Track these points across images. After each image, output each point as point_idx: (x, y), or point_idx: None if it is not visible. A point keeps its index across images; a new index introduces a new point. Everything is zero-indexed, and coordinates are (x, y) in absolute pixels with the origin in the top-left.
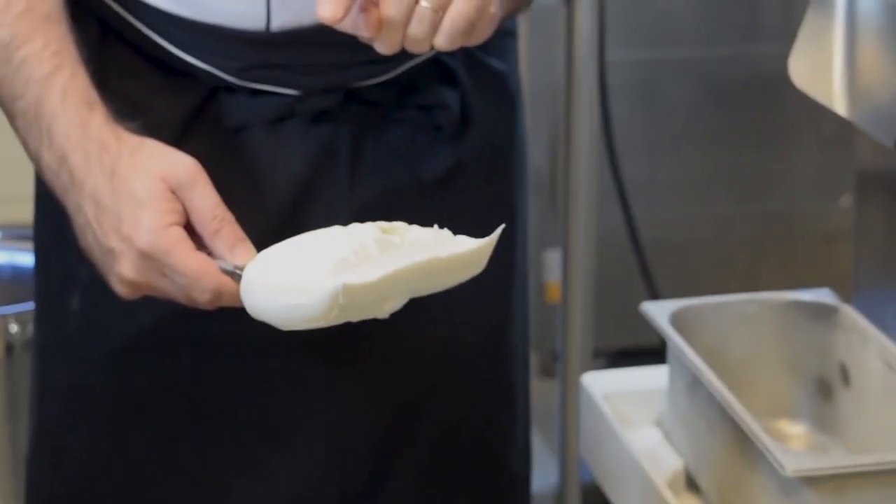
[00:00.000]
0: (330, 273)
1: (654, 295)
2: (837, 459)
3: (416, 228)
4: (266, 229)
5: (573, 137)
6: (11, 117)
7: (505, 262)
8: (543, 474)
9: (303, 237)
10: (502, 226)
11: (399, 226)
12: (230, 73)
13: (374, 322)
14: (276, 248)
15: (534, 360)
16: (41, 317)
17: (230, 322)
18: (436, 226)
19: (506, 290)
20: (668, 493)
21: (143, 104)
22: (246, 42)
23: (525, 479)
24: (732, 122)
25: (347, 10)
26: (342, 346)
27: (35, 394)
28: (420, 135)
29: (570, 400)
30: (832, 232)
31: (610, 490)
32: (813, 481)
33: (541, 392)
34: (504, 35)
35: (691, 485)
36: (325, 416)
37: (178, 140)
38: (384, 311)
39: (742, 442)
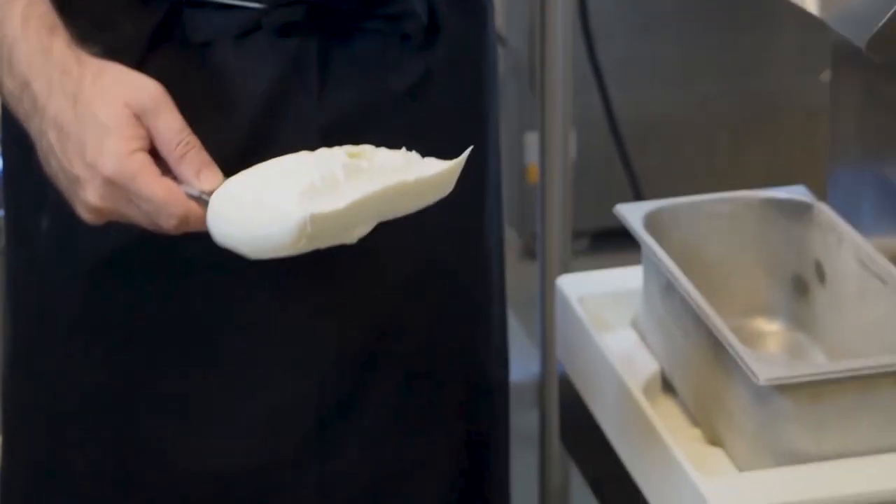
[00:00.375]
0: (297, 202)
1: (633, 177)
2: (810, 367)
3: (384, 151)
4: (235, 144)
5: (549, 20)
6: None
7: (477, 171)
8: (524, 362)
9: (269, 164)
10: (470, 147)
11: (367, 149)
12: None
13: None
14: (242, 176)
15: (516, 242)
16: (11, 237)
17: (204, 241)
18: (404, 148)
19: (478, 200)
20: (641, 398)
21: (107, 21)
22: None
23: (503, 382)
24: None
25: None
26: (316, 263)
27: (8, 312)
28: (389, 45)
29: (548, 284)
30: (813, 107)
31: (586, 394)
32: (786, 389)
33: (523, 274)
34: None
35: (667, 388)
36: (301, 333)
37: (143, 57)
38: (353, 236)
39: (716, 348)
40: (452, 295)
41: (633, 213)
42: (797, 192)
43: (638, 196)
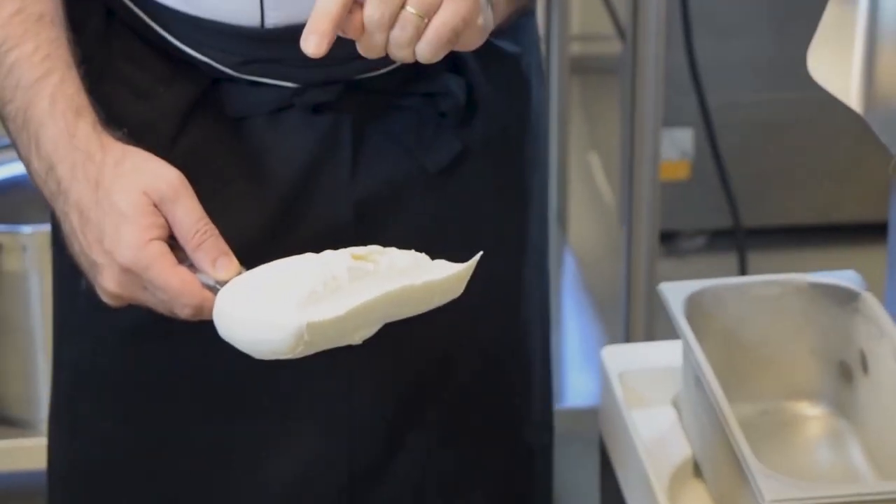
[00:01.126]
0: (296, 309)
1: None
2: (817, 489)
3: (392, 252)
4: (267, 219)
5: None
6: (3, 120)
7: (517, 245)
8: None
9: (275, 265)
10: (479, 254)
11: (374, 250)
12: (229, 66)
13: None
14: (247, 276)
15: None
16: (57, 296)
17: None
18: (413, 250)
19: (517, 273)
20: (659, 491)
21: (146, 91)
22: (242, 38)
23: (544, 451)
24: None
25: (331, 44)
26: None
27: (53, 365)
28: (424, 123)
29: (634, 289)
30: None
31: (619, 472)
32: None
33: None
34: (518, 15)
35: (699, 474)
36: (335, 392)
37: (180, 128)
38: (356, 338)
39: (735, 453)
40: (488, 366)
41: (675, 294)
42: (847, 278)
43: (732, 203)
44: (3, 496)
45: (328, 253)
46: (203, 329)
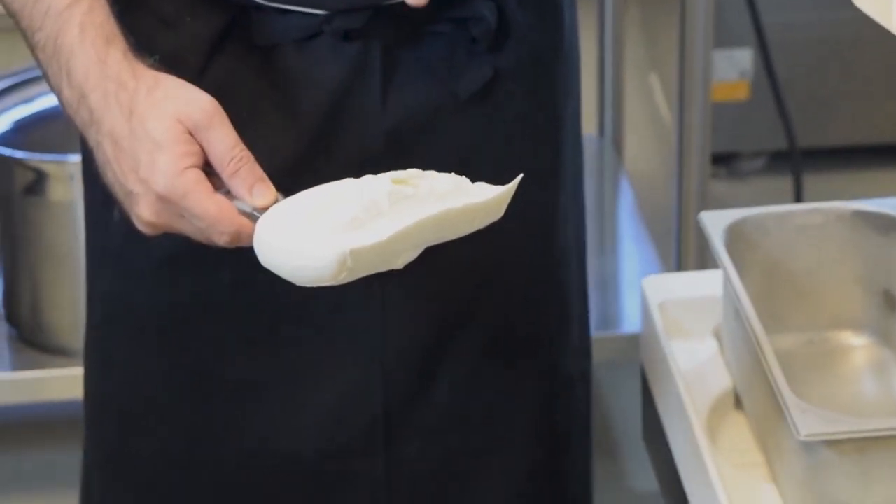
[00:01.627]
0: (337, 235)
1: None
2: (854, 423)
3: (431, 175)
4: (299, 148)
5: None
6: (32, 48)
7: (551, 170)
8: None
9: (314, 191)
10: (520, 176)
11: (413, 174)
12: None
13: None
14: (287, 203)
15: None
16: (88, 224)
17: (253, 279)
18: (453, 173)
19: (552, 201)
20: (697, 425)
21: (175, 20)
22: None
23: (582, 377)
24: None
25: None
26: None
27: (87, 299)
28: (455, 49)
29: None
30: None
31: (660, 405)
32: (831, 443)
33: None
34: None
35: (740, 406)
36: (368, 324)
37: (209, 58)
38: (398, 263)
39: (772, 387)
40: (525, 293)
41: (715, 223)
42: (892, 206)
43: (788, 124)
44: (55, 424)
45: (368, 178)
46: (236, 260)
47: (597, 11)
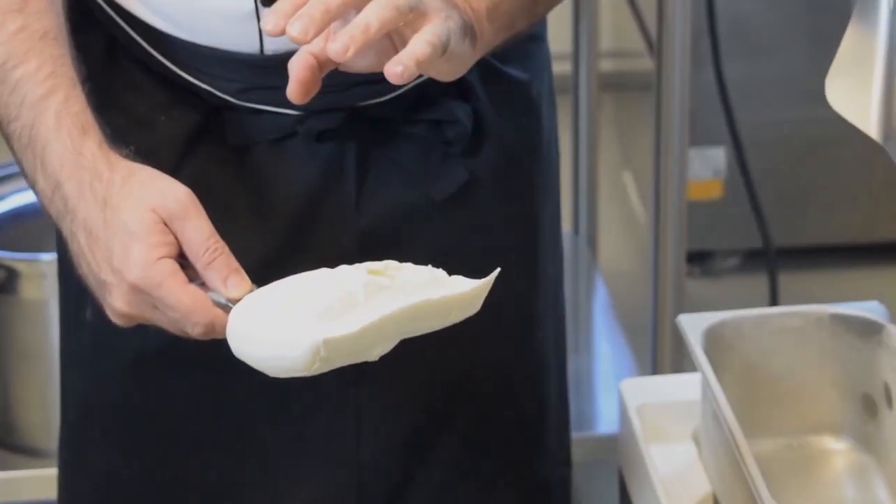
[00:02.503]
0: (311, 325)
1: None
2: None
3: (408, 267)
4: (272, 248)
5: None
6: (7, 138)
7: (528, 275)
8: None
9: (289, 281)
10: (497, 270)
11: (390, 265)
12: (229, 93)
13: None
14: (261, 293)
15: None
16: (63, 324)
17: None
18: (430, 265)
19: (530, 305)
20: None
21: (148, 120)
22: (242, 64)
23: (561, 483)
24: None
25: (318, 31)
26: (346, 380)
27: (61, 395)
28: (430, 151)
29: (661, 318)
30: None
31: None
32: None
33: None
34: (527, 40)
35: None
36: (343, 429)
37: (182, 157)
38: (373, 355)
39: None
40: (501, 398)
41: (693, 326)
42: (870, 309)
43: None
44: None
45: (343, 268)
46: (209, 361)
47: (571, 109)
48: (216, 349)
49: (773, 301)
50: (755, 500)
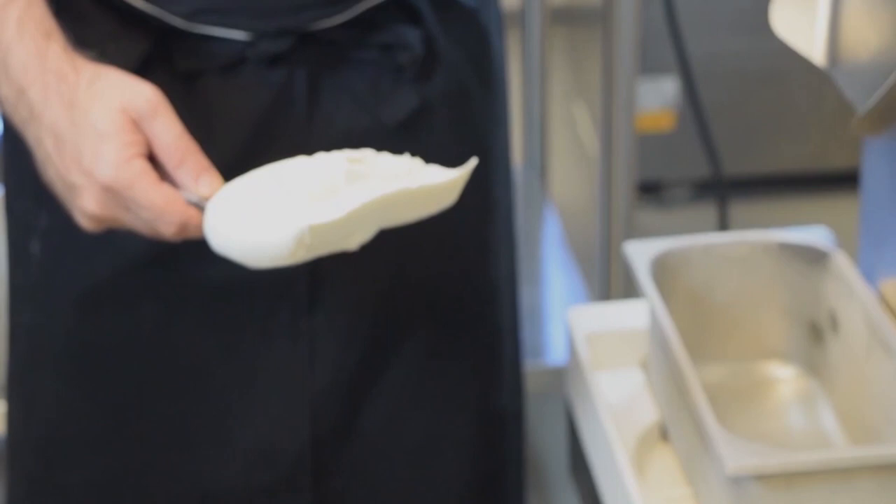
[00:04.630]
0: (295, 211)
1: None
2: (781, 456)
3: (386, 157)
4: (222, 177)
5: None
6: None
7: (482, 201)
8: None
9: (267, 169)
10: (475, 159)
11: (368, 154)
12: (179, 15)
13: (341, 259)
14: (239, 182)
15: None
16: (10, 258)
17: (192, 268)
18: (407, 154)
19: (482, 235)
20: (623, 459)
21: (93, 49)
22: None
23: (515, 416)
24: None
25: None
26: (308, 285)
27: (7, 331)
28: (382, 76)
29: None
30: None
31: (586, 440)
32: (758, 478)
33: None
34: None
35: (668, 439)
36: (296, 359)
37: None
38: (352, 243)
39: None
40: (454, 327)
41: (640, 254)
42: (816, 236)
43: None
44: None
45: (322, 155)
46: (160, 294)
47: (520, 39)
48: (167, 280)
49: (723, 230)
50: (701, 427)
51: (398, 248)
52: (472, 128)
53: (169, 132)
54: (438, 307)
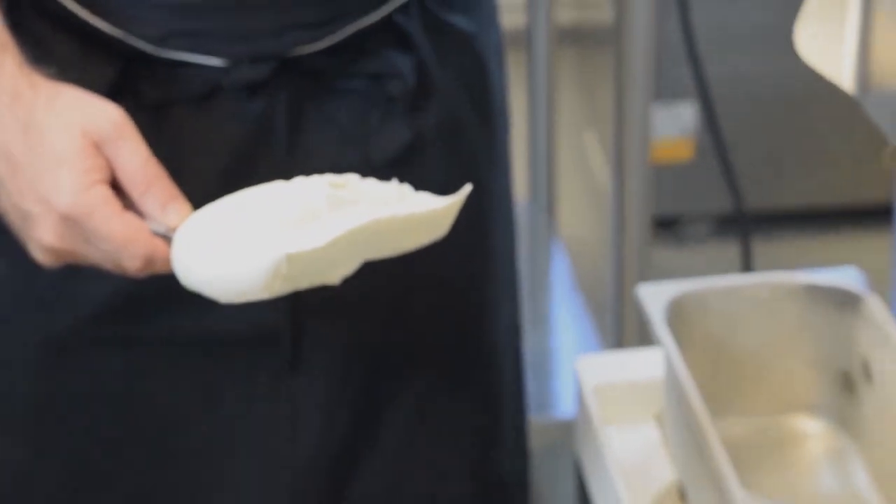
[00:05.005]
0: (271, 238)
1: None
2: None
3: (371, 182)
4: None
5: None
6: None
7: (479, 248)
8: None
9: (241, 195)
10: (469, 186)
11: (352, 178)
12: (148, 39)
13: (325, 313)
14: (210, 209)
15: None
16: None
17: (162, 320)
18: (395, 179)
19: (479, 280)
20: None
21: (56, 79)
22: (165, 8)
23: (518, 477)
24: None
25: None
26: (290, 342)
27: None
28: (370, 108)
29: (626, 291)
30: None
31: (597, 498)
32: None
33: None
34: None
35: (686, 500)
36: (274, 425)
37: None
38: (334, 276)
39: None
40: (449, 384)
41: (655, 298)
42: (847, 277)
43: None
44: None
45: (302, 179)
46: (130, 343)
47: (524, 62)
48: (134, 333)
49: (746, 270)
50: (722, 488)
51: (388, 299)
52: (469, 164)
53: (134, 157)
54: (432, 364)
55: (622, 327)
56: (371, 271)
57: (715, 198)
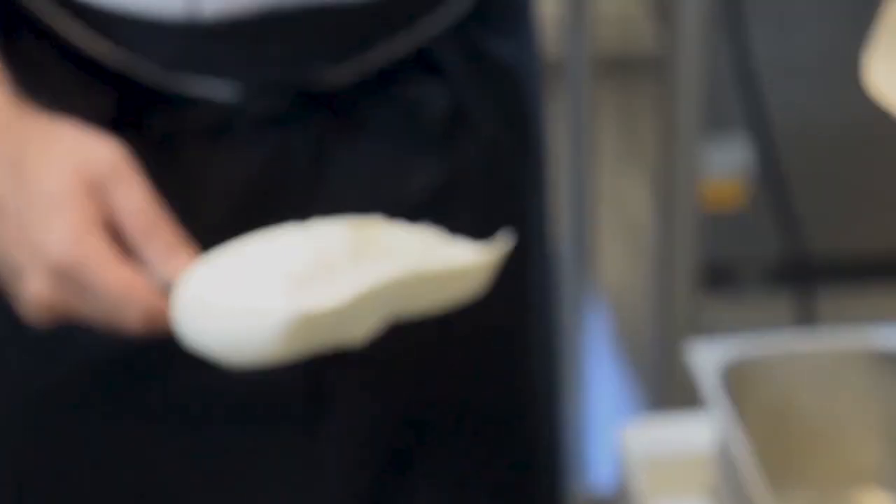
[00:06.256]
0: (284, 295)
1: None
2: None
3: (399, 226)
4: None
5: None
6: None
7: (517, 294)
8: None
9: (251, 241)
10: (510, 237)
11: (377, 222)
12: (153, 69)
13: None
14: (216, 256)
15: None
16: None
17: (162, 383)
18: (426, 221)
19: (515, 329)
20: None
21: (58, 110)
22: (172, 31)
23: None
24: None
25: None
26: (306, 406)
27: None
28: (401, 142)
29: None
30: None
31: None
32: None
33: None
34: (507, 10)
35: None
36: (294, 490)
37: None
38: (356, 338)
39: None
40: (481, 444)
41: (706, 358)
42: None
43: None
44: None
45: (319, 224)
46: (131, 403)
47: (562, 95)
48: (131, 396)
49: (807, 324)
50: None
51: (416, 359)
52: (506, 204)
53: (134, 200)
54: (458, 432)
55: (667, 389)
56: (397, 328)
57: (771, 245)
